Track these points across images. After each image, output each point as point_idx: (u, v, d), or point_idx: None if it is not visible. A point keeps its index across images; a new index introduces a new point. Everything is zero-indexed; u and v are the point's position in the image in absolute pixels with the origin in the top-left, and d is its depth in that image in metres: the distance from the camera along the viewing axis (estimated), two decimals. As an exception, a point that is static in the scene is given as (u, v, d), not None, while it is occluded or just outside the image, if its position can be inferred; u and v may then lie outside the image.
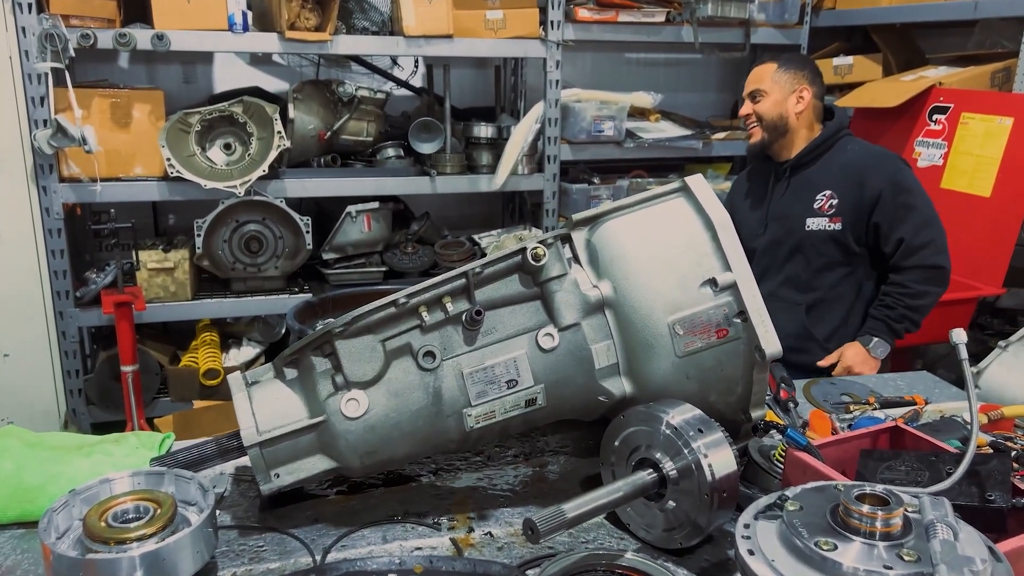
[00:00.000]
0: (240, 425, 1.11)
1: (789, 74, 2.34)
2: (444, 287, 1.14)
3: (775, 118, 2.33)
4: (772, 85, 2.34)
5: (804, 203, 2.27)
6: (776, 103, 2.33)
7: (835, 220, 2.22)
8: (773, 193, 2.37)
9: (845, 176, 2.23)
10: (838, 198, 2.22)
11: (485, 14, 3.11)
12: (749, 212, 2.42)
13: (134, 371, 2.83)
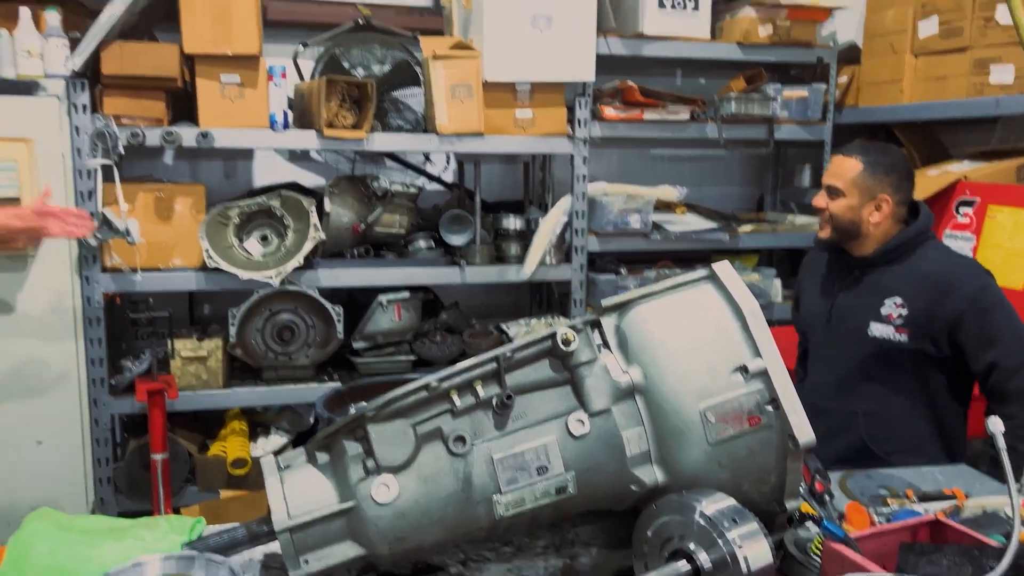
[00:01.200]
0: (271, 509, 1.11)
1: (873, 180, 2.15)
2: (475, 371, 1.16)
3: (847, 223, 2.17)
4: (851, 188, 2.16)
5: (871, 307, 2.14)
6: (851, 208, 2.16)
7: (901, 331, 2.08)
8: (841, 286, 2.24)
9: (922, 287, 2.08)
10: (908, 309, 2.08)
11: (515, 113, 3.22)
12: (816, 297, 2.31)
13: (164, 459, 2.84)
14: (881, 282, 2.15)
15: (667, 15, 3.38)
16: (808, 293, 2.35)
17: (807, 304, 2.33)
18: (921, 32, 3.34)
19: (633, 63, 3.59)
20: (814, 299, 2.31)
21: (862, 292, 2.19)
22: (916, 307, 2.07)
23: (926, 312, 2.05)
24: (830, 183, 2.21)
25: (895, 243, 2.18)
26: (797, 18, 3.54)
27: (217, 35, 2.88)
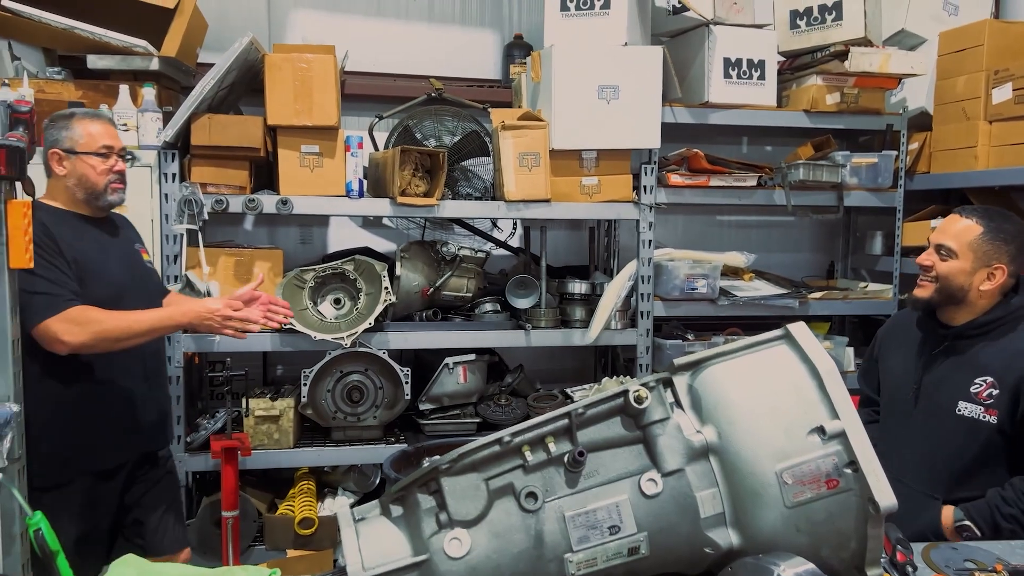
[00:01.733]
0: (347, 561, 1.13)
1: (992, 246, 2.05)
2: (547, 427, 1.17)
3: (955, 288, 2.07)
4: (967, 251, 2.06)
5: (960, 383, 2.04)
6: (963, 272, 2.06)
7: (991, 412, 1.97)
8: (931, 358, 2.14)
9: (1013, 366, 1.99)
10: (999, 388, 1.97)
11: (581, 180, 3.28)
12: (902, 366, 2.22)
13: (234, 517, 2.89)
14: (973, 356, 2.05)
15: (733, 84, 3.43)
16: (891, 362, 2.25)
17: (891, 373, 2.22)
18: (995, 98, 3.30)
19: (699, 131, 3.63)
20: (899, 368, 2.21)
21: (951, 366, 2.09)
22: (1007, 387, 1.97)
23: (1016, 393, 1.95)
24: (943, 242, 2.09)
25: (993, 315, 2.07)
26: (865, 86, 3.54)
27: (299, 108, 3.03)
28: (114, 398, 2.32)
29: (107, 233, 2.40)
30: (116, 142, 2.35)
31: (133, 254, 2.48)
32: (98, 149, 2.29)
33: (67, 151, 2.28)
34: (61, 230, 2.22)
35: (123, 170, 2.36)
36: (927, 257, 2.13)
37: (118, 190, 2.35)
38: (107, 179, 2.31)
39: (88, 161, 2.28)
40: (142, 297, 2.36)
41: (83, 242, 2.28)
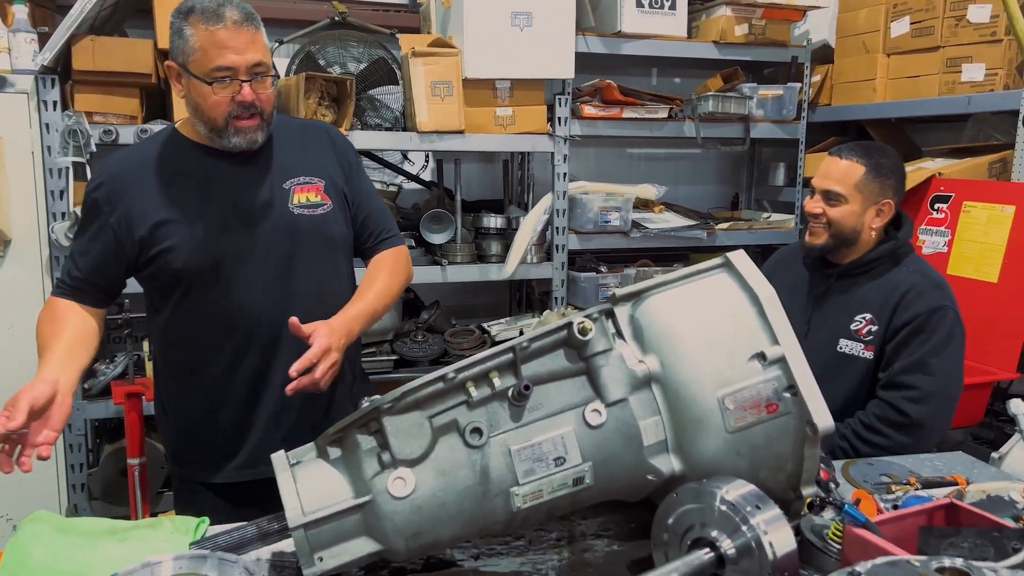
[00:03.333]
0: (285, 506, 1.08)
1: (877, 183, 2.04)
2: (491, 362, 1.14)
3: (848, 230, 2.05)
4: (855, 193, 2.04)
5: (841, 321, 2.04)
6: (854, 214, 2.04)
7: (869, 348, 1.99)
8: (816, 296, 2.14)
9: (890, 301, 1.99)
10: (877, 324, 1.99)
11: (495, 111, 3.20)
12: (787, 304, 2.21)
13: (141, 464, 2.77)
14: (854, 295, 2.05)
15: (645, 14, 3.39)
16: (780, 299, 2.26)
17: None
18: (893, 32, 3.39)
19: (610, 62, 3.59)
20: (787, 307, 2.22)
21: (834, 304, 2.09)
22: (883, 322, 1.99)
23: (886, 324, 1.98)
24: (830, 188, 2.06)
25: (876, 254, 2.07)
26: (772, 17, 3.57)
27: (192, 30, 2.81)
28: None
29: (231, 165, 1.73)
30: (241, 57, 1.58)
31: (264, 195, 1.74)
32: (210, 72, 1.59)
33: (181, 66, 1.64)
34: (138, 178, 1.69)
35: (251, 100, 1.63)
36: (815, 204, 2.09)
37: (245, 130, 1.65)
38: (226, 112, 1.63)
39: (197, 87, 1.62)
40: (264, 262, 1.71)
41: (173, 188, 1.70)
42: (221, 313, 1.70)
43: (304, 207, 1.77)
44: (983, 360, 2.74)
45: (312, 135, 1.88)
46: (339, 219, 1.83)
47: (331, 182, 1.82)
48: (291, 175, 1.78)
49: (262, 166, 1.77)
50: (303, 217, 1.76)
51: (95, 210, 1.69)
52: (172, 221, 1.67)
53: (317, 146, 1.86)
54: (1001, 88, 2.99)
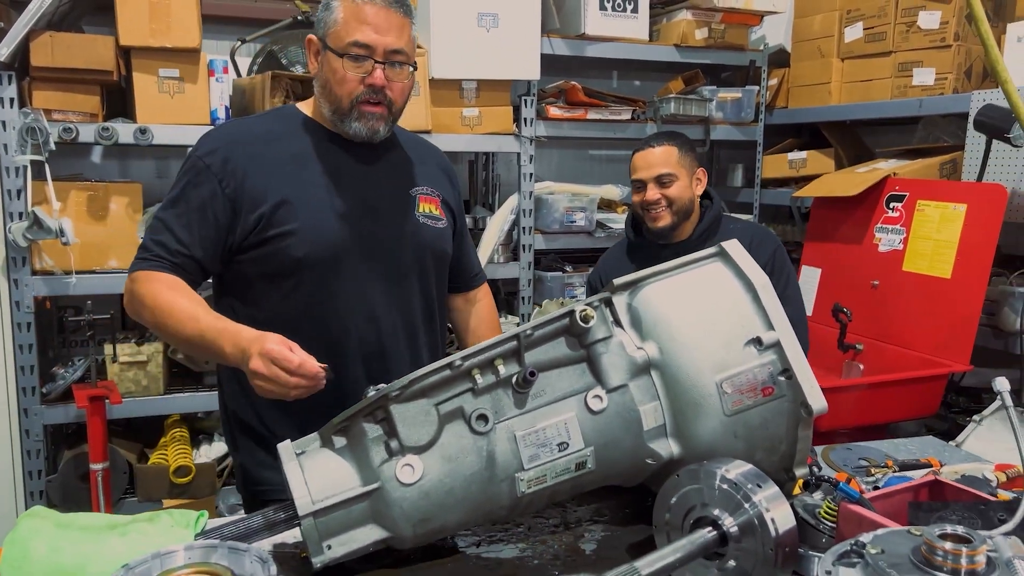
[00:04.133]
0: (294, 495, 1.08)
1: (688, 157, 2.34)
2: (496, 350, 1.15)
3: (686, 203, 2.31)
4: (680, 169, 2.31)
5: None
6: (686, 187, 2.31)
7: None
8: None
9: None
10: None
11: (462, 111, 3.22)
12: None
13: (104, 469, 2.70)
14: None
15: (608, 17, 3.45)
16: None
17: None
18: (847, 37, 3.51)
19: (573, 64, 3.64)
20: None
21: None
22: None
23: None
24: (661, 171, 2.30)
25: (706, 223, 2.35)
26: (730, 22, 3.66)
27: (156, 28, 2.77)
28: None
29: (359, 160, 1.63)
30: (381, 38, 1.50)
31: (395, 198, 1.66)
32: (345, 46, 1.51)
33: (320, 39, 1.56)
34: (260, 151, 1.56)
35: (381, 85, 1.52)
36: (653, 193, 2.32)
37: (369, 115, 1.55)
38: (354, 95, 1.53)
39: (330, 62, 1.53)
40: (387, 265, 1.60)
41: (309, 175, 1.58)
42: (331, 312, 1.55)
43: (428, 218, 1.69)
44: (938, 353, 2.84)
45: (426, 150, 1.81)
46: (451, 240, 1.75)
47: (445, 202, 1.75)
48: (415, 183, 1.70)
49: (389, 165, 1.68)
50: (427, 228, 1.68)
51: (206, 177, 1.53)
52: (298, 202, 1.54)
53: (432, 162, 1.80)
54: (950, 92, 3.11)
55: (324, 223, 1.55)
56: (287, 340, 1.30)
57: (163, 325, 1.47)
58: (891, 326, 3.00)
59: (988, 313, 2.90)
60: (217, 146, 1.57)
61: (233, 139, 1.59)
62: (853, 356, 3.07)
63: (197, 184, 1.54)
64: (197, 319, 1.43)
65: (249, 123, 1.70)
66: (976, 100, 2.86)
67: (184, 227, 1.53)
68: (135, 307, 1.53)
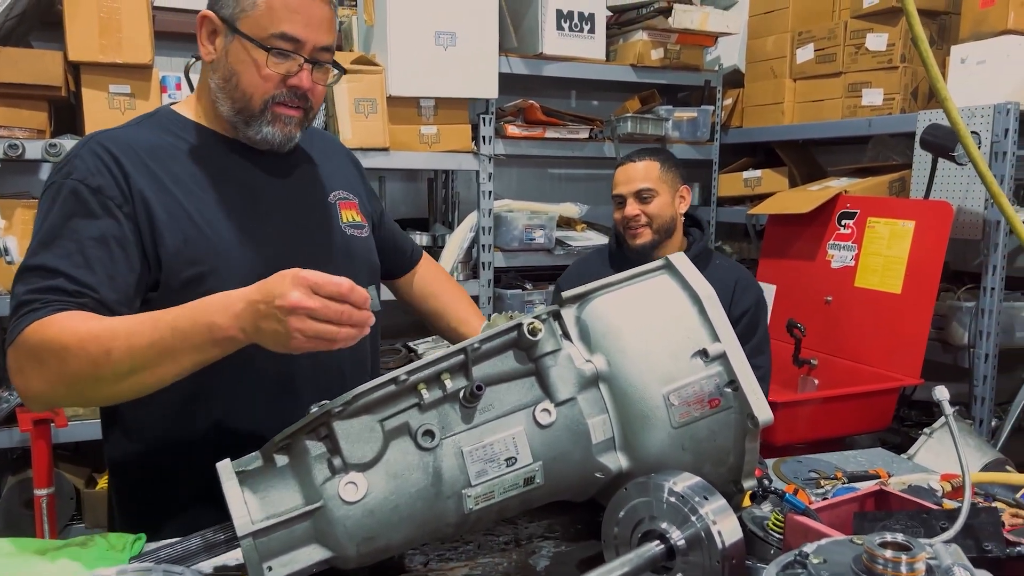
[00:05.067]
0: (233, 515, 1.05)
1: (672, 173, 2.32)
2: (443, 364, 1.14)
3: (667, 220, 2.29)
4: (662, 185, 2.30)
5: None
6: (668, 204, 2.29)
7: None
8: None
9: (724, 293, 2.17)
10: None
11: (420, 129, 3.22)
12: None
13: (49, 495, 2.62)
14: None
15: (565, 37, 3.48)
16: None
17: None
18: (799, 58, 3.58)
19: (531, 83, 3.66)
20: None
21: None
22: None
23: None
24: (642, 186, 2.29)
25: (698, 250, 2.31)
26: (686, 43, 3.72)
27: (105, 43, 2.74)
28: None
29: (270, 173, 1.40)
30: (311, 32, 1.28)
31: (318, 211, 1.45)
32: (268, 37, 1.27)
33: (225, 20, 1.30)
34: (154, 170, 1.28)
35: (306, 89, 1.31)
36: (632, 208, 2.30)
37: (286, 120, 1.32)
38: (270, 93, 1.30)
39: (243, 52, 1.29)
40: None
41: (204, 191, 1.32)
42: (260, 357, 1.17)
43: (353, 227, 1.48)
44: (889, 367, 2.89)
45: (326, 144, 1.58)
46: (374, 246, 1.54)
47: (362, 203, 1.54)
48: (331, 187, 1.48)
49: (301, 172, 1.45)
50: (355, 240, 1.47)
51: (98, 204, 1.22)
52: (212, 235, 1.29)
53: (337, 158, 1.57)
54: (898, 111, 3.19)
55: (243, 257, 1.31)
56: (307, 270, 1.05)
57: (104, 356, 1.10)
58: (844, 341, 3.04)
59: (937, 328, 2.96)
60: (101, 165, 1.25)
61: (120, 153, 1.28)
62: (808, 371, 3.11)
63: (86, 214, 1.22)
64: (155, 320, 1.11)
65: (128, 134, 1.34)
66: (922, 120, 2.93)
67: (79, 267, 1.20)
68: (37, 370, 1.14)
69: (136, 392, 1.15)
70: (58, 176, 1.27)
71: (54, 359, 1.12)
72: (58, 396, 1.19)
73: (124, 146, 1.30)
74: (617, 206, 2.38)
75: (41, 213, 1.26)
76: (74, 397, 1.20)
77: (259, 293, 1.06)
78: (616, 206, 2.39)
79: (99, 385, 1.14)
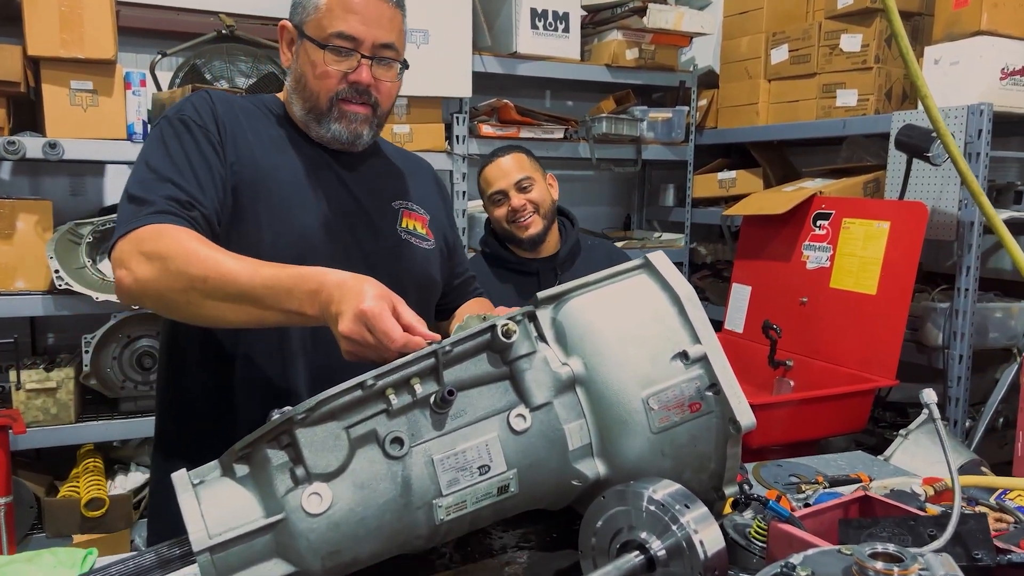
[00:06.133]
0: (188, 529, 0.99)
1: (536, 162, 2.40)
2: (412, 367, 1.08)
3: (550, 206, 2.36)
4: (535, 172, 2.36)
5: None
6: (545, 189, 2.36)
7: None
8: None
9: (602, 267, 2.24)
10: None
11: (392, 128, 3.16)
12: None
13: (7, 504, 2.53)
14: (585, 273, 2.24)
15: (540, 36, 3.44)
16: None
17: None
18: (773, 59, 3.57)
19: (505, 82, 3.62)
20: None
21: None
22: None
23: None
24: (519, 177, 2.32)
25: (576, 234, 2.42)
26: (660, 43, 3.70)
27: (67, 38, 2.65)
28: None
29: (340, 164, 1.48)
30: (368, 30, 1.37)
31: (374, 207, 1.50)
32: (327, 37, 1.37)
33: (296, 27, 1.41)
34: (250, 126, 1.42)
35: (367, 84, 1.39)
36: (518, 199, 2.33)
37: (351, 116, 1.41)
38: (334, 91, 1.39)
39: (308, 53, 1.39)
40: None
41: (285, 162, 1.42)
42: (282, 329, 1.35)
43: (411, 235, 1.52)
44: (864, 368, 2.87)
45: (415, 165, 1.67)
46: (438, 265, 1.57)
47: (436, 222, 1.60)
48: (400, 196, 1.54)
49: (371, 171, 1.52)
50: (409, 245, 1.51)
51: (197, 132, 1.36)
52: (269, 193, 1.37)
53: (421, 178, 1.64)
54: (872, 112, 3.18)
55: (294, 221, 1.38)
56: (387, 293, 1.10)
57: (201, 281, 1.17)
58: (820, 342, 3.03)
59: (912, 329, 2.95)
60: (207, 109, 1.40)
61: (218, 102, 1.42)
62: (783, 373, 3.09)
63: (195, 143, 1.35)
64: (254, 270, 1.17)
65: (228, 95, 1.50)
66: (896, 120, 2.92)
67: (191, 183, 1.31)
68: (144, 266, 1.21)
69: (216, 322, 1.24)
70: (171, 113, 1.41)
71: (159, 263, 1.21)
72: (148, 296, 1.25)
73: (226, 100, 1.45)
74: (497, 204, 2.38)
75: (154, 140, 1.38)
76: (162, 304, 1.26)
77: (338, 293, 1.12)
78: (496, 205, 2.39)
79: (188, 301, 1.21)
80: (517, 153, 2.38)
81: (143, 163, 1.34)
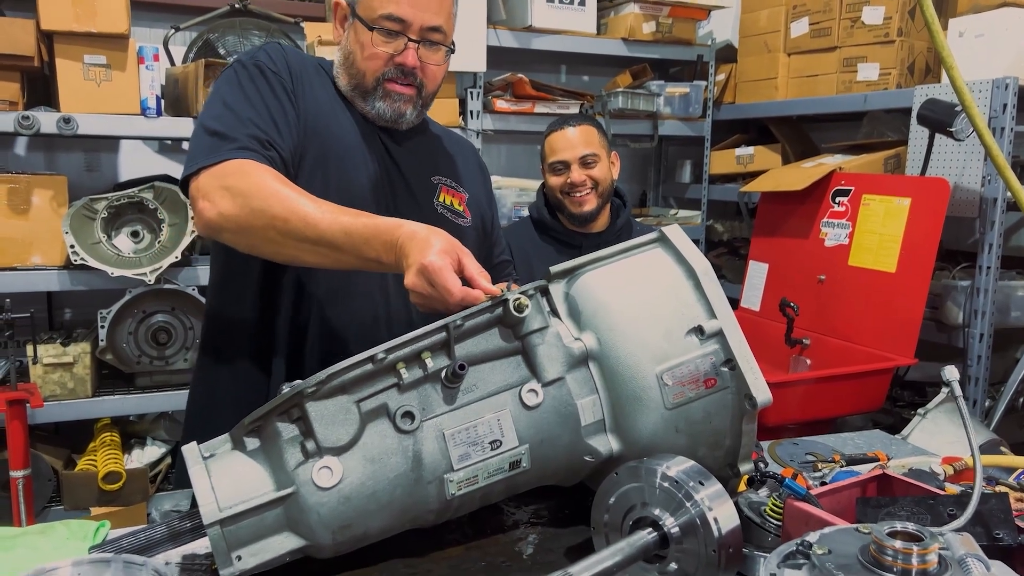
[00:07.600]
0: (199, 501, 0.99)
1: (605, 139, 2.30)
2: (423, 341, 1.07)
3: (608, 185, 2.28)
4: (601, 149, 2.27)
5: None
6: (608, 168, 2.27)
7: None
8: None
9: None
10: None
11: (406, 102, 3.13)
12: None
13: (25, 477, 2.55)
14: None
15: (555, 9, 3.39)
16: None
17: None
18: (793, 32, 3.50)
19: (520, 57, 3.58)
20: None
21: None
22: None
23: None
24: (586, 152, 2.24)
25: (624, 219, 2.35)
26: (678, 16, 3.64)
27: (80, 12, 2.64)
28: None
29: (384, 135, 1.50)
30: (416, 12, 1.38)
31: (413, 180, 1.52)
32: (376, 18, 1.39)
33: (350, 5, 1.44)
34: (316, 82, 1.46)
35: (413, 66, 1.41)
36: (579, 174, 2.25)
37: (395, 96, 1.43)
38: (380, 71, 1.42)
39: (358, 33, 1.42)
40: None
41: (343, 122, 1.46)
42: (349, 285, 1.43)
43: (447, 210, 1.54)
44: (883, 347, 2.84)
45: (459, 146, 1.68)
46: (473, 243, 1.54)
47: (475, 201, 1.61)
48: (439, 172, 1.56)
49: (414, 145, 1.54)
50: (444, 219, 1.52)
51: (270, 77, 1.40)
52: (331, 148, 1.42)
53: (464, 158, 1.66)
54: (894, 87, 3.12)
55: (351, 179, 1.43)
56: (452, 247, 1.13)
57: (283, 222, 1.20)
58: (837, 320, 2.99)
59: (932, 307, 2.91)
60: (281, 58, 1.43)
61: (290, 54, 1.46)
62: (800, 351, 3.06)
63: (269, 87, 1.38)
64: (335, 213, 1.21)
65: (297, 50, 1.57)
66: (919, 95, 2.86)
67: (269, 124, 1.35)
68: (227, 200, 1.24)
69: (293, 260, 1.28)
70: (245, 58, 1.43)
71: (241, 199, 1.23)
72: (228, 230, 1.27)
73: (297, 53, 1.49)
74: (556, 173, 2.30)
75: (229, 80, 1.39)
76: (243, 238, 1.28)
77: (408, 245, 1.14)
78: (555, 173, 2.31)
79: (268, 239, 1.24)
80: (588, 126, 2.28)
81: (219, 101, 1.36)
